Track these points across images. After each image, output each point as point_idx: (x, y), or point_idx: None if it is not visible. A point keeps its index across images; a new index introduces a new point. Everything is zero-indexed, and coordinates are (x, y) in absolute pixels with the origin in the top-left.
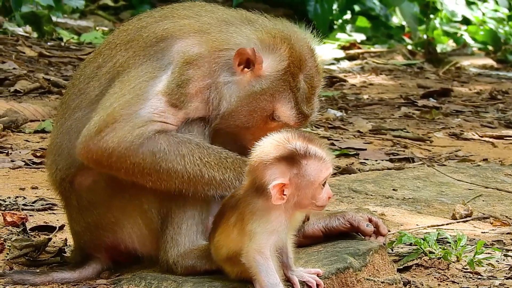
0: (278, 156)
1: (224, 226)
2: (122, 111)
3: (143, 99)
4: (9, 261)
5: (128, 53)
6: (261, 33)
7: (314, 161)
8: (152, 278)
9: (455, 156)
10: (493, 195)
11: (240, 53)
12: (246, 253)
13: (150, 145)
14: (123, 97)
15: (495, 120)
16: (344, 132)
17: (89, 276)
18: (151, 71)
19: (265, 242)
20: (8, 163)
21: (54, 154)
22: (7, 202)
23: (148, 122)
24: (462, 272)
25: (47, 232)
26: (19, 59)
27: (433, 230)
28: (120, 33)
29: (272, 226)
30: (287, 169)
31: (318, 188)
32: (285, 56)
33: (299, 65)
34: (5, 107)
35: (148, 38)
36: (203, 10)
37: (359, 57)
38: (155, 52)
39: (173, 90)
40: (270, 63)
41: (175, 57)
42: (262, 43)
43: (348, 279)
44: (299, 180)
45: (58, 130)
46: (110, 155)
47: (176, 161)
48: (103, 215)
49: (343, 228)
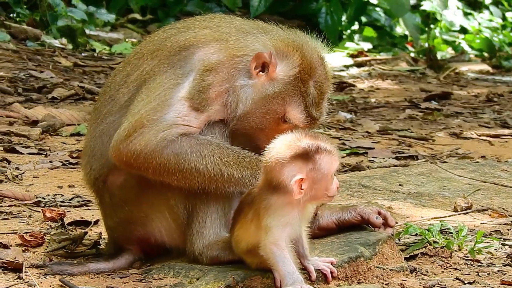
0: (293, 155)
1: (242, 221)
2: (149, 117)
3: (168, 105)
4: (48, 253)
5: (153, 62)
6: (276, 41)
7: (325, 155)
8: (180, 268)
9: (455, 153)
10: (490, 189)
11: (257, 57)
12: (263, 246)
13: (174, 147)
14: (149, 104)
15: (492, 121)
16: (353, 133)
17: (122, 267)
18: (174, 78)
19: (280, 235)
20: (47, 164)
21: (89, 155)
22: (46, 199)
23: (172, 126)
24: (463, 260)
25: (83, 227)
26: (55, 68)
27: (436, 222)
28: (146, 43)
29: (285, 219)
30: (303, 165)
31: (330, 180)
32: (297, 63)
33: (309, 72)
34: (44, 113)
35: (172, 47)
36: (223, 21)
37: (366, 64)
38: (178, 60)
39: (195, 95)
40: (283, 68)
41: (196, 64)
42: (277, 50)
43: (360, 267)
44: (314, 174)
45: (92, 134)
46: (137, 157)
47: (198, 161)
48: (133, 211)
49: (355, 220)
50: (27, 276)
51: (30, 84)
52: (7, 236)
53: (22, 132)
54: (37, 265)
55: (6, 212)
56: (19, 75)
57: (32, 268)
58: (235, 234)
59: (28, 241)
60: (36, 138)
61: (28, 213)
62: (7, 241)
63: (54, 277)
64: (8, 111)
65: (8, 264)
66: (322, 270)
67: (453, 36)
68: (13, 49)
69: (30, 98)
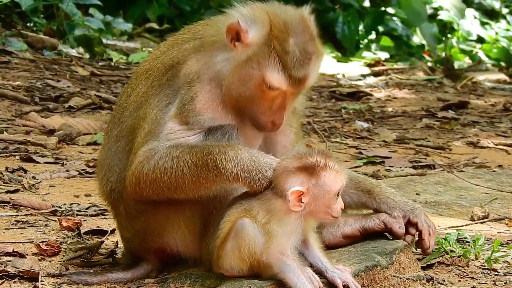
0: (300, 166)
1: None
2: (143, 140)
3: (160, 125)
4: (65, 262)
5: (147, 83)
6: (243, 11)
7: (331, 173)
8: (197, 277)
9: (472, 163)
10: (507, 198)
11: (229, 29)
12: (268, 253)
13: (153, 160)
14: (144, 130)
15: (509, 130)
16: (370, 142)
17: (140, 276)
18: (165, 99)
19: (286, 243)
20: (63, 173)
21: (106, 170)
22: (63, 208)
23: (161, 142)
24: (480, 269)
25: (99, 236)
26: (72, 78)
27: (453, 231)
28: (143, 63)
29: (290, 228)
30: (306, 179)
31: (333, 198)
32: (266, 22)
33: (285, 29)
34: (60, 122)
35: (160, 68)
36: (202, 26)
37: (383, 73)
38: (167, 80)
39: (182, 110)
40: (254, 31)
41: (182, 80)
42: (245, 17)
43: (376, 276)
44: (316, 190)
45: (106, 153)
46: (138, 183)
47: (172, 164)
48: (149, 222)
49: (378, 228)
50: (43, 285)
51: (47, 93)
52: (24, 245)
53: (38, 141)
54: (53, 274)
55: (22, 221)
56: (36, 84)
57: (48, 277)
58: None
59: (44, 250)
60: (52, 147)
61: (44, 222)
62: (23, 250)
63: (70, 286)
64: (25, 120)
65: (24, 273)
66: (350, 286)
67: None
68: (30, 58)
69: (47, 107)
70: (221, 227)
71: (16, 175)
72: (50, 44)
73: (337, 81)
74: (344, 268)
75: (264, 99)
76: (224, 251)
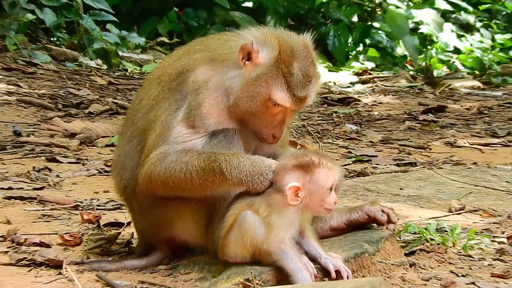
0: (297, 164)
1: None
2: (154, 143)
3: (169, 129)
4: (86, 252)
5: (158, 87)
6: (256, 34)
7: (324, 170)
8: (204, 264)
9: (450, 160)
10: (481, 192)
11: (242, 49)
12: (268, 243)
13: (165, 162)
14: (155, 132)
15: (482, 131)
16: (359, 142)
17: (153, 263)
18: (174, 104)
19: (285, 234)
20: (84, 172)
21: (119, 168)
22: (84, 203)
23: (171, 146)
24: (457, 255)
25: (117, 227)
26: (92, 86)
27: (433, 221)
28: (155, 69)
29: (289, 220)
30: (302, 175)
31: (326, 193)
32: (276, 46)
33: (291, 54)
34: (81, 126)
35: (171, 74)
36: (213, 40)
37: (370, 81)
38: (176, 85)
39: (190, 115)
40: (265, 53)
41: (190, 87)
42: (257, 39)
43: (364, 262)
44: (311, 185)
45: (120, 153)
46: (149, 182)
47: (183, 170)
48: (160, 215)
49: (362, 219)
50: (67, 272)
51: (69, 101)
52: (49, 236)
53: (62, 144)
54: (76, 262)
55: (48, 215)
56: (59, 92)
57: (71, 265)
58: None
59: (67, 241)
60: (74, 149)
61: (67, 216)
62: (49, 241)
63: (91, 273)
64: (49, 125)
65: (50, 262)
66: (341, 271)
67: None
68: (53, 69)
69: (69, 113)
70: (226, 219)
71: (42, 174)
72: (72, 57)
73: (328, 88)
74: (336, 255)
75: (267, 114)
76: (228, 240)
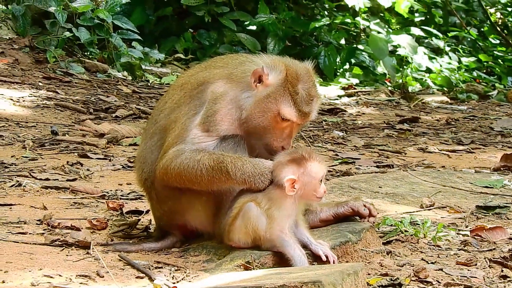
0: (291, 159)
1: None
2: (173, 141)
3: (187, 130)
4: (110, 235)
5: (181, 93)
6: (266, 60)
7: (315, 163)
8: (211, 247)
9: (422, 164)
10: (449, 191)
11: (254, 73)
12: (270, 232)
13: (180, 158)
14: (175, 132)
15: (450, 139)
16: (344, 147)
17: (167, 246)
18: (193, 109)
19: (284, 224)
20: (110, 167)
21: (141, 162)
22: (109, 193)
23: (187, 145)
24: (427, 245)
25: (137, 215)
26: (118, 94)
27: (407, 215)
28: (180, 77)
29: (287, 211)
30: (297, 169)
31: (318, 184)
32: (283, 70)
33: (296, 77)
34: (109, 128)
35: (194, 83)
36: (231, 59)
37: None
38: (197, 93)
39: (205, 120)
40: (273, 76)
41: (208, 96)
42: (267, 64)
43: (348, 249)
44: (305, 177)
45: (143, 148)
46: (166, 174)
47: (195, 166)
48: (174, 205)
49: (347, 213)
50: (94, 252)
51: (99, 106)
52: (79, 221)
53: (92, 142)
54: (102, 244)
55: (79, 203)
56: (91, 99)
57: (98, 246)
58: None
59: (95, 225)
60: (102, 147)
61: (95, 204)
62: (79, 225)
63: (114, 253)
64: (81, 126)
65: (79, 243)
66: (329, 257)
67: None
68: (86, 79)
69: (98, 117)
70: (232, 210)
71: (74, 167)
72: (102, 69)
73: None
74: (324, 243)
75: (276, 128)
76: (233, 227)
